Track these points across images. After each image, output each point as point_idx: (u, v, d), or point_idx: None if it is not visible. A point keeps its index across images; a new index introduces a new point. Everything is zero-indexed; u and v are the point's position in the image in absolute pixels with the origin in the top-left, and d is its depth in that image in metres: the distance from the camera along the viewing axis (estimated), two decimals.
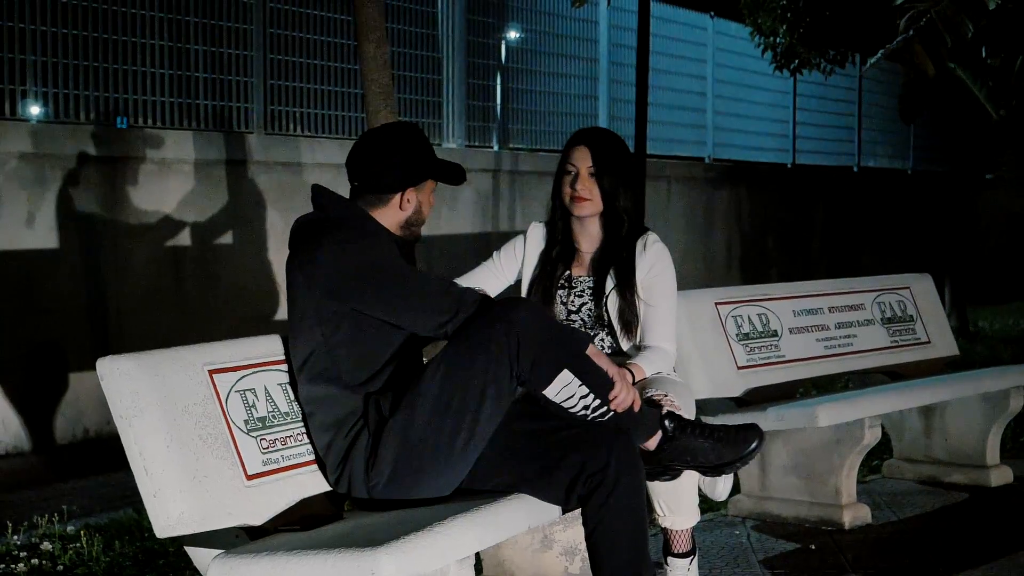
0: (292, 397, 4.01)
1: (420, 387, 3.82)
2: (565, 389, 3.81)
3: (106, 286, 8.78)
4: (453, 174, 4.18)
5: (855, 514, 5.82)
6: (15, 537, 5.78)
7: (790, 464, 5.92)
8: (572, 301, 4.64)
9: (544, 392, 3.81)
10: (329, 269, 3.82)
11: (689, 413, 4.38)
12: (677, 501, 4.37)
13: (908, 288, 7.04)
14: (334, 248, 3.84)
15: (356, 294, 3.83)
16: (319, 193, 4.10)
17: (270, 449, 3.85)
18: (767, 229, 16.34)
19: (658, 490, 4.30)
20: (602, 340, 4.63)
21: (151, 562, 5.37)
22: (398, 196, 4.06)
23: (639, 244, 4.63)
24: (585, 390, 3.83)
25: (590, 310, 4.62)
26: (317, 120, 10.54)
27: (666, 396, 4.28)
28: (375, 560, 3.29)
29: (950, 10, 7.52)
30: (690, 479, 4.36)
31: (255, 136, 9.89)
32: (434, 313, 3.84)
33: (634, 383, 4.35)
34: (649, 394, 4.29)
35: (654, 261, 4.60)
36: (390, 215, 4.07)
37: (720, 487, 4.65)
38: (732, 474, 4.72)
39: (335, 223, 3.94)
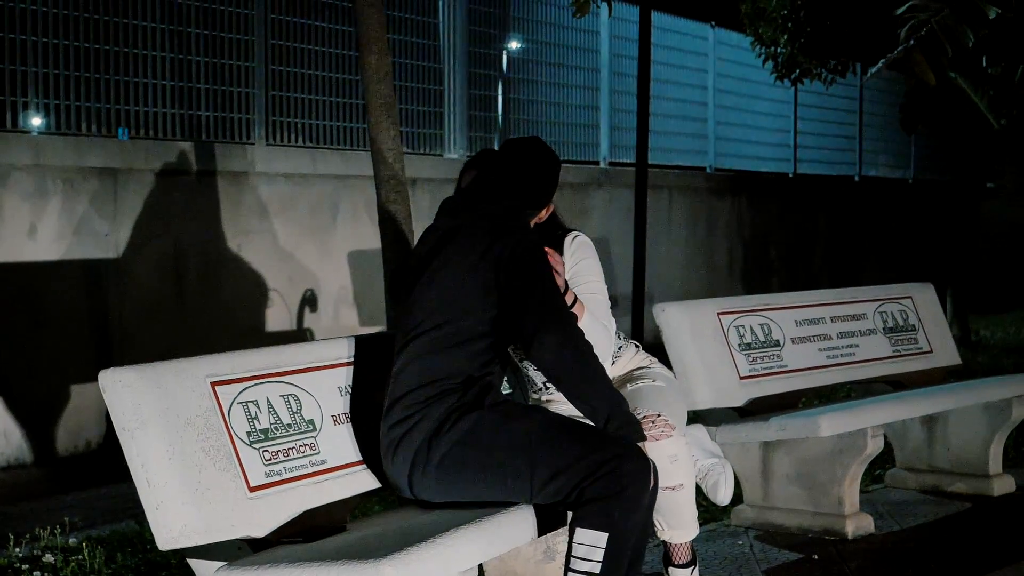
0: (295, 408, 4.01)
1: (535, 416, 3.94)
2: (589, 548, 3.74)
3: (108, 297, 8.79)
4: None
5: (858, 524, 5.82)
6: (17, 549, 5.77)
7: (793, 474, 5.92)
8: None
9: (575, 529, 3.76)
10: (524, 249, 3.97)
11: (681, 426, 4.36)
12: (677, 517, 4.36)
13: (910, 297, 7.05)
14: (526, 243, 4.01)
15: (519, 289, 3.92)
16: (481, 190, 4.26)
17: (273, 461, 3.85)
18: (769, 239, 16.34)
19: (657, 506, 4.27)
20: None
21: (153, 574, 5.37)
22: (543, 211, 4.41)
23: (564, 246, 4.57)
24: (598, 568, 3.74)
25: None
26: (319, 131, 10.55)
27: (659, 416, 4.26)
28: (378, 572, 3.29)
29: (950, 20, 7.52)
30: (688, 496, 4.35)
31: (257, 147, 9.89)
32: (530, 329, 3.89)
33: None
34: (641, 415, 4.26)
35: (575, 251, 4.54)
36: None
37: (722, 491, 4.65)
38: (733, 477, 4.72)
39: (519, 220, 4.15)
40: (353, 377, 4.24)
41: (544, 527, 3.91)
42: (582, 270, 4.53)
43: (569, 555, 3.76)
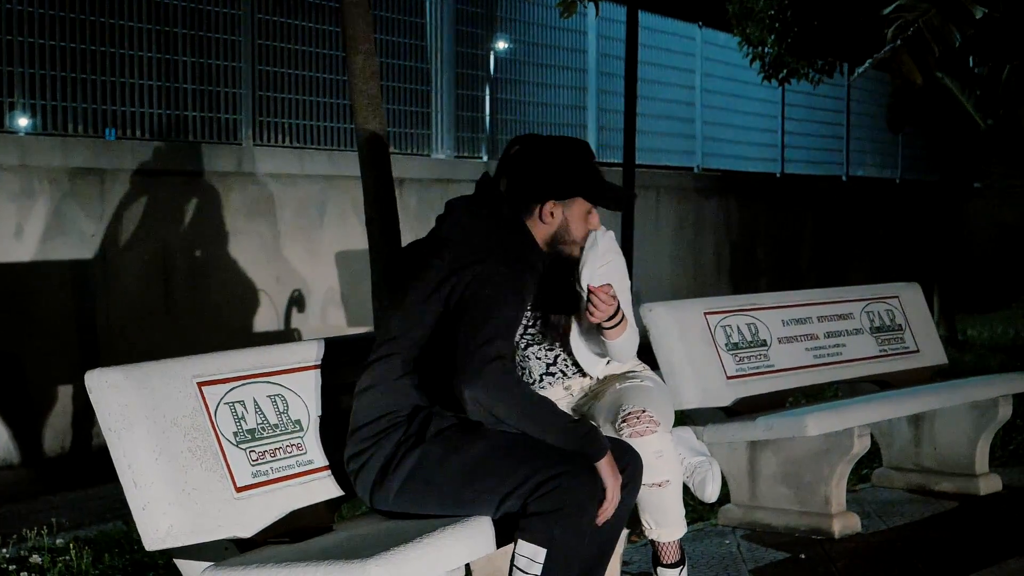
0: (281, 409, 4.00)
1: (478, 442, 3.79)
2: (528, 561, 3.68)
3: (95, 298, 8.78)
4: (613, 198, 4.14)
5: (845, 523, 5.82)
6: (4, 550, 5.76)
7: (780, 473, 5.93)
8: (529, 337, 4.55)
9: (518, 540, 3.69)
10: (476, 283, 3.79)
11: (667, 423, 4.36)
12: (663, 515, 4.35)
13: (897, 297, 7.05)
14: (493, 269, 3.80)
15: (454, 331, 3.75)
16: (487, 186, 4.08)
17: (259, 461, 3.84)
18: (756, 239, 16.36)
19: (643, 504, 4.28)
20: (564, 362, 4.57)
21: (140, 575, 5.36)
22: (538, 207, 4.04)
23: (596, 237, 4.51)
24: None
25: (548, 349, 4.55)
26: (306, 131, 10.55)
27: (644, 412, 4.26)
28: (365, 572, 3.29)
29: (937, 19, 7.54)
30: (674, 492, 4.35)
31: (244, 147, 9.89)
32: (466, 363, 3.69)
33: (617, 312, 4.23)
34: (626, 411, 4.26)
35: (605, 252, 4.49)
36: (535, 227, 4.05)
37: (709, 488, 4.64)
38: (720, 474, 4.72)
39: (504, 235, 3.94)
40: (340, 377, 4.23)
41: None
42: (611, 272, 4.48)
43: (512, 563, 3.72)
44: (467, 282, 3.80)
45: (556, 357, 4.51)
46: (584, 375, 4.54)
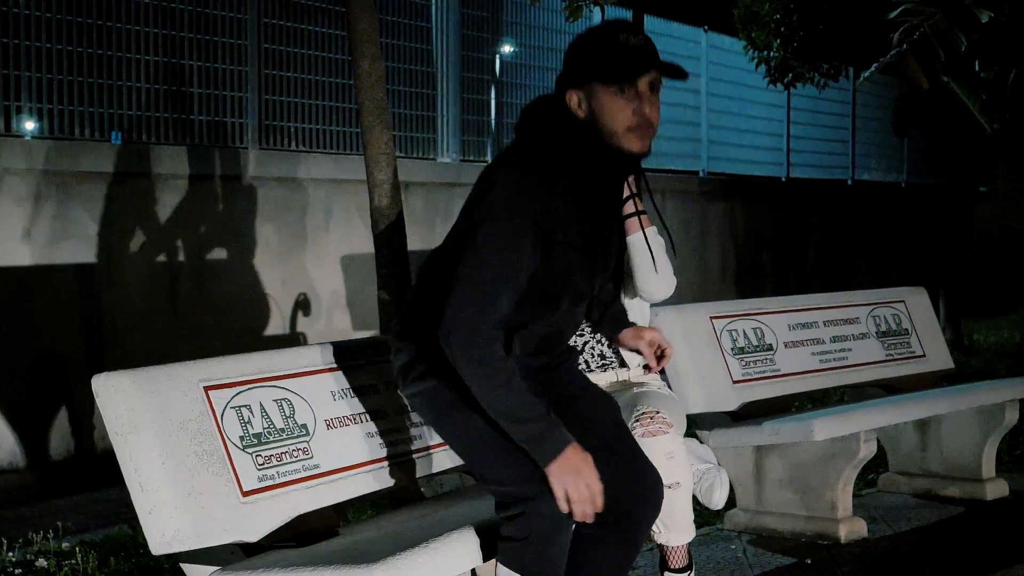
0: (287, 413, 4.00)
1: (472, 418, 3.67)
2: None
3: (101, 301, 8.78)
4: (617, 70, 3.60)
5: (851, 528, 5.82)
6: (10, 554, 5.77)
7: (786, 478, 5.92)
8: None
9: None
10: (477, 220, 3.53)
11: (680, 429, 4.36)
12: (672, 517, 4.36)
13: (903, 302, 7.05)
14: (497, 198, 3.54)
15: (464, 255, 3.53)
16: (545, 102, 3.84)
17: (266, 465, 3.84)
18: (762, 243, 16.34)
19: None
20: (591, 351, 4.58)
21: None
22: (565, 97, 3.68)
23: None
24: None
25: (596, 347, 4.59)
26: (312, 135, 10.55)
27: (658, 413, 4.26)
28: None
29: (943, 24, 7.53)
30: (684, 495, 4.35)
31: (250, 151, 9.89)
32: (457, 315, 3.48)
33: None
34: (640, 411, 4.26)
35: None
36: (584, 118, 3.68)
37: (717, 494, 4.65)
38: (728, 481, 4.72)
39: (539, 131, 3.77)
40: (346, 381, 4.23)
41: None
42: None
43: None
44: (474, 206, 3.58)
45: (584, 344, 4.54)
46: (606, 369, 4.55)
